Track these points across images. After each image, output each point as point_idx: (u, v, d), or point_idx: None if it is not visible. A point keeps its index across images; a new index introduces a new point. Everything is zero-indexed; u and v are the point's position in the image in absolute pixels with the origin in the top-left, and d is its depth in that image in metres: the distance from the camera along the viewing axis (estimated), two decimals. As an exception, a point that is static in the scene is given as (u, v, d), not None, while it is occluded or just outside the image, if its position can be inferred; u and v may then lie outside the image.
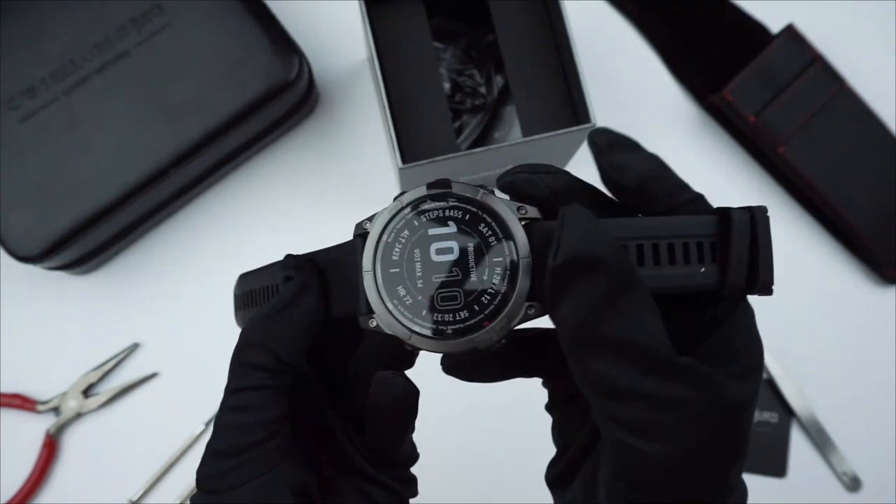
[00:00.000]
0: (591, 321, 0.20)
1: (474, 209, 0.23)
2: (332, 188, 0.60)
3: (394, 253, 0.23)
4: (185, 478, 0.56)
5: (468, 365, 0.27)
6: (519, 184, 0.24)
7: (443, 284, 0.23)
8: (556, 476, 0.27)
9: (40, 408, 0.56)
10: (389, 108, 0.48)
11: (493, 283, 0.23)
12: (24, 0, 0.52)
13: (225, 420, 0.24)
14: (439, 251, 0.23)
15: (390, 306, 0.23)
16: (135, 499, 0.55)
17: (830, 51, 0.61)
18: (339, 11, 0.61)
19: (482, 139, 0.58)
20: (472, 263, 0.23)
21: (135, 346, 0.58)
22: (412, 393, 0.25)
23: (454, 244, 0.23)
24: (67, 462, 0.56)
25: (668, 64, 0.63)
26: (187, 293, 0.58)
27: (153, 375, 0.57)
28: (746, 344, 0.23)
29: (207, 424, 0.56)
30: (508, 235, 0.23)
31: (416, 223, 0.23)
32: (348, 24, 0.60)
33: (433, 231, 0.23)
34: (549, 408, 0.29)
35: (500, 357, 0.26)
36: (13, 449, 0.56)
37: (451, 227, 0.23)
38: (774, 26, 0.61)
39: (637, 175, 0.24)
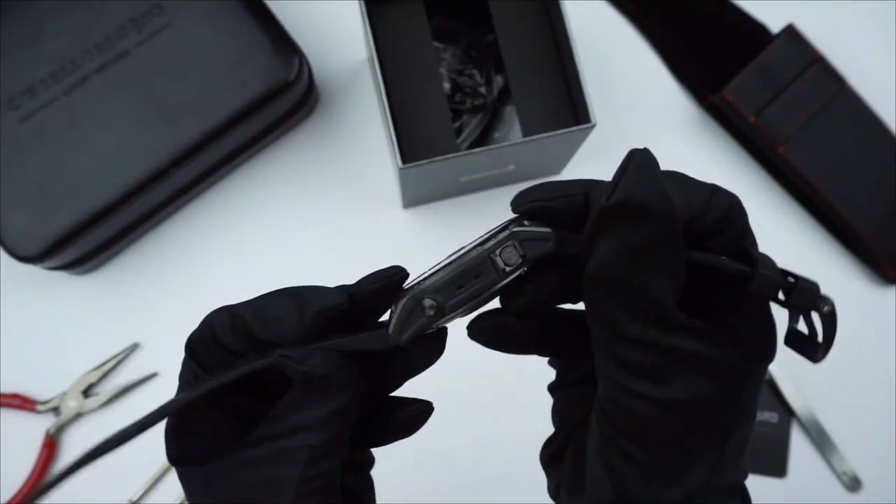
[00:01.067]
0: (620, 265, 0.21)
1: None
2: (331, 188, 0.60)
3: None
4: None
5: (493, 330, 0.27)
6: (539, 212, 0.24)
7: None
8: (551, 455, 0.28)
9: (40, 408, 0.56)
10: (389, 108, 0.48)
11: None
12: (24, 0, 0.52)
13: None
14: None
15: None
16: (135, 499, 0.55)
17: (830, 51, 0.61)
18: (339, 11, 0.61)
19: (482, 139, 0.58)
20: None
21: (135, 346, 0.58)
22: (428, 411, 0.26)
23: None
24: (67, 462, 0.56)
25: (668, 64, 0.63)
26: (187, 293, 0.58)
27: (153, 375, 0.57)
28: (761, 325, 0.23)
29: (207, 424, 0.56)
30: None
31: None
32: (348, 24, 0.60)
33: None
34: (553, 388, 0.29)
35: (526, 327, 0.26)
36: (13, 449, 0.56)
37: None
38: (774, 26, 0.61)
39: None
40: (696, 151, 0.62)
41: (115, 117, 0.51)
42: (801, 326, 0.24)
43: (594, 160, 0.60)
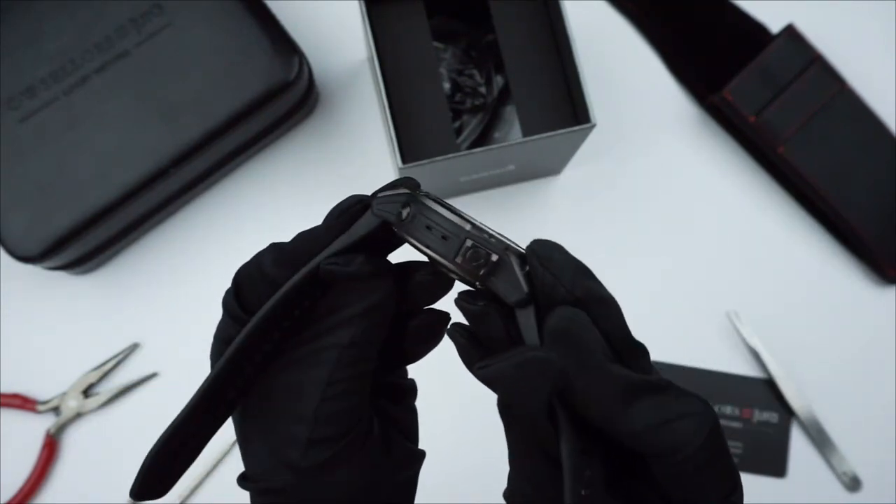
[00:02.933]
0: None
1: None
2: (331, 188, 0.60)
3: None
4: (184, 478, 0.56)
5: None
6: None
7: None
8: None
9: (40, 408, 0.56)
10: (389, 108, 0.48)
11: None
12: (24, 0, 0.52)
13: (325, 409, 0.24)
14: None
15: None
16: (135, 499, 0.55)
17: (830, 51, 0.61)
18: (339, 11, 0.61)
19: (482, 139, 0.58)
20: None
21: (134, 346, 0.58)
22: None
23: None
24: (67, 462, 0.56)
25: (668, 64, 0.63)
26: (187, 293, 0.58)
27: (153, 375, 0.57)
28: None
29: (207, 424, 0.56)
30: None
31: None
32: (348, 24, 0.60)
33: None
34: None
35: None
36: (13, 449, 0.56)
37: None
38: (774, 26, 0.61)
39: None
40: (696, 151, 0.62)
41: (115, 117, 0.51)
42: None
43: (594, 160, 0.60)
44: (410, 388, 0.30)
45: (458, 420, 0.55)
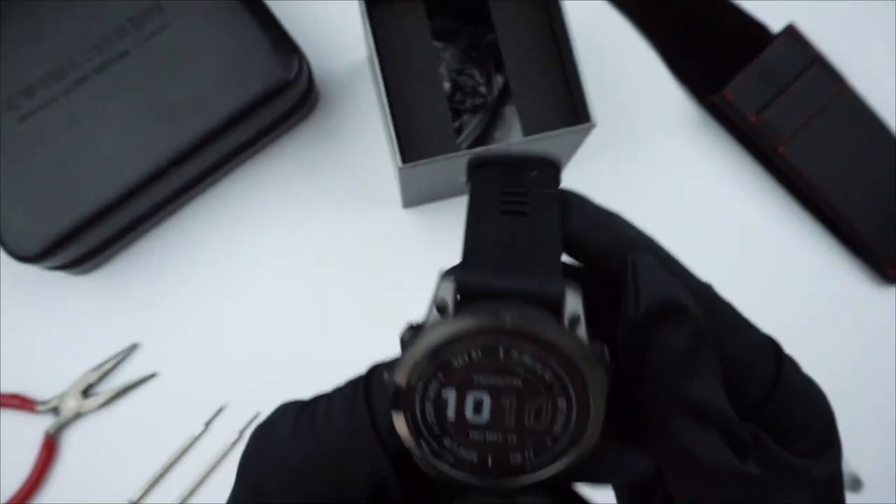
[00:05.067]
0: (676, 379, 0.18)
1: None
2: (331, 187, 0.59)
3: None
4: (184, 478, 0.56)
5: None
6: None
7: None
8: None
9: (39, 408, 0.56)
10: (389, 107, 0.48)
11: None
12: (24, 0, 0.52)
13: None
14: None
15: None
16: (135, 499, 0.55)
17: (831, 51, 0.60)
18: (339, 11, 0.61)
19: (482, 139, 0.58)
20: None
21: (134, 347, 0.57)
22: None
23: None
24: (67, 462, 0.56)
25: (668, 63, 0.63)
26: (187, 293, 0.58)
27: (152, 376, 0.57)
28: (807, 409, 0.21)
29: (207, 425, 0.56)
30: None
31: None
32: (348, 24, 0.60)
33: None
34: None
35: None
36: (12, 449, 0.56)
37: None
38: (775, 26, 0.61)
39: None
40: (697, 151, 0.62)
41: (114, 117, 0.51)
42: None
43: (594, 160, 0.60)
44: None
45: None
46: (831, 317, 0.60)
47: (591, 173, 0.61)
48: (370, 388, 0.21)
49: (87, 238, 0.52)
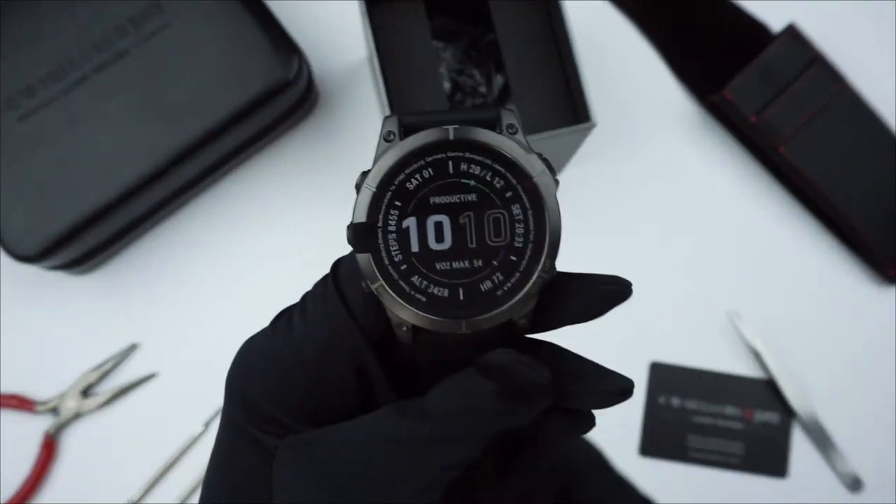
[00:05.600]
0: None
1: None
2: (331, 187, 0.59)
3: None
4: (184, 478, 0.56)
5: None
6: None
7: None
8: None
9: (39, 408, 0.56)
10: (389, 107, 0.48)
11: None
12: (24, 0, 0.52)
13: None
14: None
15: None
16: (134, 499, 0.55)
17: (831, 50, 0.60)
18: (339, 11, 0.61)
19: (482, 139, 0.58)
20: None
21: (133, 347, 0.57)
22: None
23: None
24: (66, 463, 0.56)
25: (668, 63, 0.63)
26: (186, 293, 0.58)
27: (152, 376, 0.57)
28: None
29: (206, 425, 0.56)
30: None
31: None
32: (348, 24, 0.60)
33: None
34: None
35: None
36: (11, 449, 0.56)
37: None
38: (775, 26, 0.61)
39: None
40: (697, 151, 0.62)
41: (114, 117, 0.51)
42: None
43: (594, 160, 0.60)
44: None
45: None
46: (831, 317, 0.60)
47: (591, 173, 0.61)
48: (338, 278, 0.22)
49: (87, 238, 0.52)
